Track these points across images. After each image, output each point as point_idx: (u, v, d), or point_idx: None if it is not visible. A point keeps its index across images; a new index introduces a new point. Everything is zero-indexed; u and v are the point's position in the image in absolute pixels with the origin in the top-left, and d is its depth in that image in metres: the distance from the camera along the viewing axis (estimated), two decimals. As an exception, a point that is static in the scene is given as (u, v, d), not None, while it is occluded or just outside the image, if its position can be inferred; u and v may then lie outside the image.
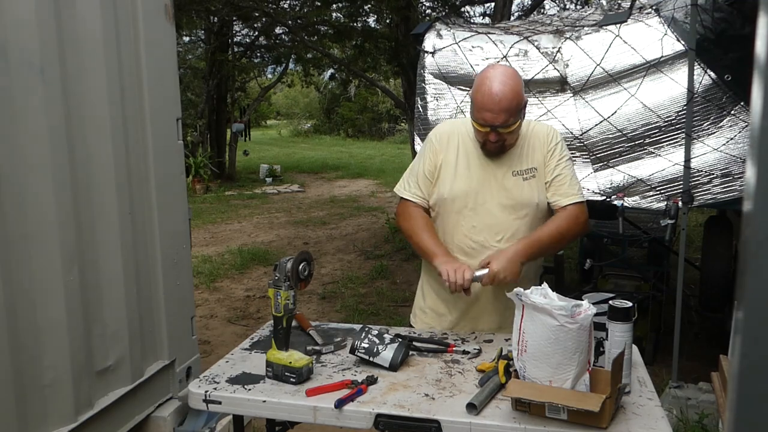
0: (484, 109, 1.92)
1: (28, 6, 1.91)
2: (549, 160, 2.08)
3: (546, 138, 2.09)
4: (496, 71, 1.95)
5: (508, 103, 1.90)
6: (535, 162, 2.07)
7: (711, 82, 3.45)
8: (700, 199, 3.40)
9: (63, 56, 2.04)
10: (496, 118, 1.91)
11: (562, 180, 2.07)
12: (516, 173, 2.06)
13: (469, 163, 2.10)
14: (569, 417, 1.47)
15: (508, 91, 1.90)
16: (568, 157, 2.13)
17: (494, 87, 1.90)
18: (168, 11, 2.55)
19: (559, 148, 2.10)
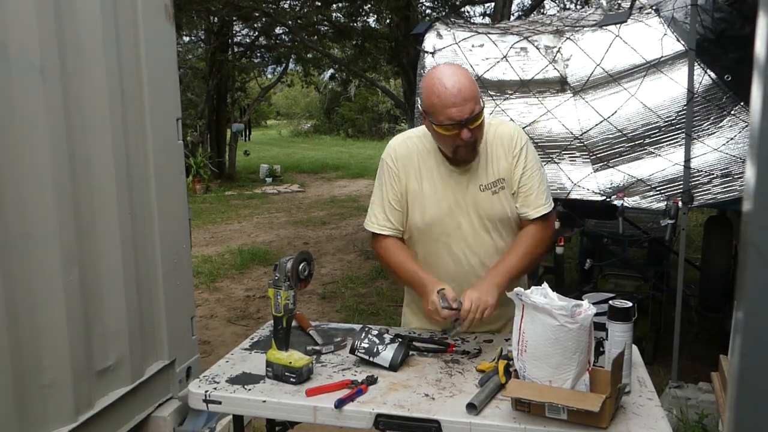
0: (447, 105, 1.79)
1: (28, 6, 1.91)
2: (515, 167, 1.97)
3: (510, 142, 1.98)
4: (440, 70, 1.87)
5: (469, 90, 1.81)
6: (501, 171, 1.96)
7: (711, 82, 3.45)
8: (700, 199, 3.40)
9: (63, 56, 2.04)
10: (462, 110, 1.79)
11: (529, 190, 1.97)
12: (484, 187, 1.96)
13: (435, 185, 1.98)
14: (569, 417, 1.47)
15: (463, 80, 1.81)
16: (535, 160, 2.00)
17: (448, 81, 1.80)
18: (168, 11, 2.55)
19: (524, 153, 1.98)
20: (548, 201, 2.01)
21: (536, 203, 1.98)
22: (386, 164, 2.06)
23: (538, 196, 1.98)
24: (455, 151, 1.89)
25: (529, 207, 1.97)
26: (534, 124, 3.88)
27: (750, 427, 0.72)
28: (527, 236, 1.98)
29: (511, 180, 1.97)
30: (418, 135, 2.07)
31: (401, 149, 2.05)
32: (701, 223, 5.42)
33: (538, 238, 1.98)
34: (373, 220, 2.06)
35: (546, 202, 1.99)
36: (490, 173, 1.97)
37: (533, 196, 1.98)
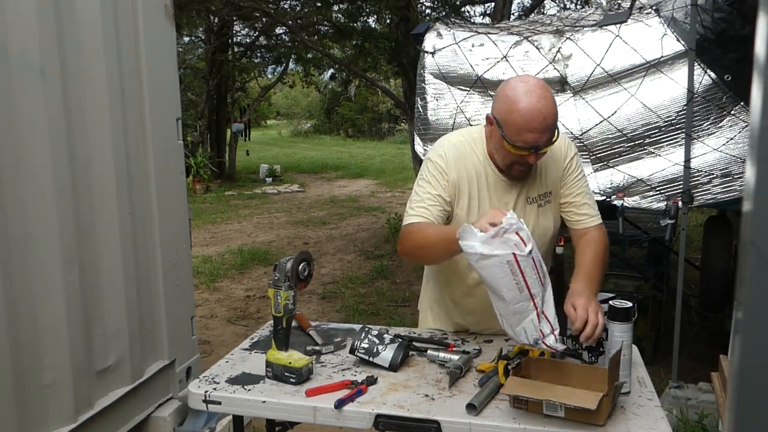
0: (527, 129, 1.67)
1: (28, 6, 1.91)
2: (566, 177, 1.90)
3: (561, 153, 1.90)
4: (529, 85, 1.70)
5: (553, 119, 1.69)
6: (550, 184, 1.89)
7: (711, 82, 3.45)
8: (700, 199, 3.40)
9: (63, 56, 2.04)
10: (540, 138, 1.69)
11: (583, 199, 1.92)
12: (531, 200, 1.88)
13: (489, 194, 1.86)
14: (566, 414, 1.47)
15: (551, 106, 1.69)
16: (583, 169, 1.96)
17: (537, 104, 1.66)
18: (168, 11, 2.55)
19: (575, 163, 1.92)
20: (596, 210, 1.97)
21: (592, 212, 1.95)
22: (435, 163, 1.88)
23: (592, 206, 1.96)
24: (511, 167, 1.80)
25: (586, 216, 1.93)
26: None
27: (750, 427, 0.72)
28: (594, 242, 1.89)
29: (560, 191, 1.91)
30: (466, 139, 1.92)
31: (452, 150, 1.88)
32: (701, 223, 5.42)
33: (604, 242, 1.92)
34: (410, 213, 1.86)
35: (598, 211, 1.97)
36: (539, 186, 1.89)
37: (588, 205, 1.94)
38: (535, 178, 1.88)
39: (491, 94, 4.05)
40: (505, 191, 1.86)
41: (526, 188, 1.87)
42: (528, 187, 1.87)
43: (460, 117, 4.10)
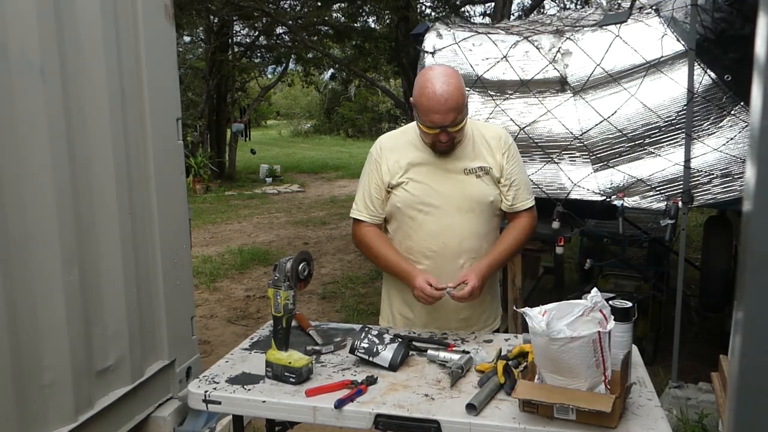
0: (432, 111, 1.94)
1: (28, 6, 1.91)
2: (506, 162, 2.12)
3: (500, 140, 2.14)
4: (436, 72, 1.97)
5: (455, 102, 1.93)
6: (487, 161, 2.11)
7: (711, 82, 3.45)
8: (700, 199, 3.40)
9: (63, 56, 2.04)
10: (444, 118, 1.94)
11: (518, 183, 2.15)
12: (468, 171, 2.10)
13: (420, 167, 2.11)
14: (577, 417, 1.47)
15: (453, 90, 1.93)
16: (519, 158, 2.18)
17: (438, 88, 1.92)
18: (168, 11, 2.55)
19: (513, 150, 2.15)
20: (532, 195, 2.22)
21: (525, 196, 2.17)
22: (371, 155, 2.21)
23: (526, 190, 2.18)
24: (433, 146, 2.06)
25: (520, 199, 2.15)
26: (534, 124, 3.88)
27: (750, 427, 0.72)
28: (517, 227, 2.17)
29: (500, 172, 2.12)
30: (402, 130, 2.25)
31: (385, 140, 2.22)
32: (701, 223, 5.42)
33: (528, 227, 2.18)
34: (354, 208, 2.22)
35: (531, 196, 2.20)
36: (475, 159, 2.11)
37: (522, 189, 2.16)
38: (472, 152, 2.11)
39: (491, 94, 4.05)
40: (445, 164, 2.10)
41: (462, 161, 2.10)
42: (463, 160, 2.10)
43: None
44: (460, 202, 2.08)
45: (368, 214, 2.18)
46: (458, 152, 2.09)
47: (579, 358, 1.49)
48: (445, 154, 2.08)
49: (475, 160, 2.10)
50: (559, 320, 1.52)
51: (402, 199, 2.11)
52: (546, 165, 3.85)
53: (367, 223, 2.18)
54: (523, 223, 2.17)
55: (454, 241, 2.09)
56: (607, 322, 1.53)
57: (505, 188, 2.13)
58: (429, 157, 2.10)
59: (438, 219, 2.09)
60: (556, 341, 1.49)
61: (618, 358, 1.62)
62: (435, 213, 2.09)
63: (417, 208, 2.10)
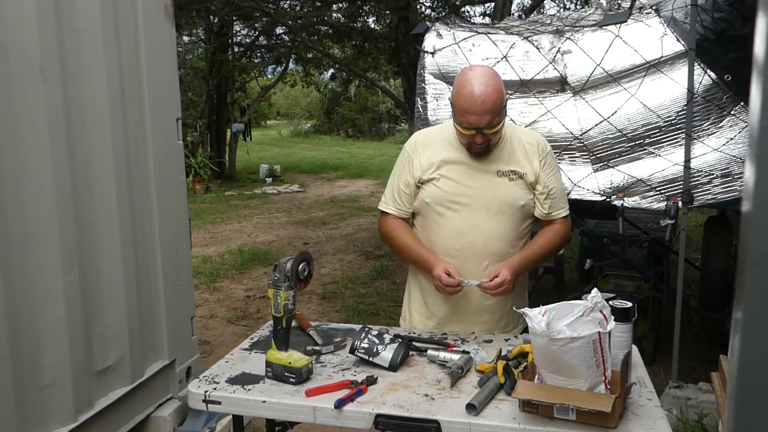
0: (468, 112, 1.92)
1: (28, 6, 1.91)
2: (543, 169, 2.10)
3: (538, 146, 2.12)
4: (475, 72, 1.95)
5: (492, 104, 1.90)
6: (522, 167, 2.08)
7: (711, 82, 3.45)
8: (700, 199, 3.40)
9: (63, 56, 2.04)
10: (480, 120, 1.92)
11: (555, 192, 2.13)
12: (501, 174, 2.07)
13: (453, 165, 2.09)
14: (577, 417, 1.47)
15: (491, 91, 1.90)
16: (558, 166, 2.19)
17: (476, 89, 1.90)
18: (168, 11, 2.55)
19: (551, 159, 2.14)
20: (567, 203, 2.20)
21: (561, 205, 2.16)
22: (405, 151, 2.20)
23: (562, 199, 2.17)
24: (469, 147, 2.04)
25: (556, 208, 2.14)
26: (534, 124, 3.88)
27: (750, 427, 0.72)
28: (552, 231, 2.16)
29: (536, 179, 2.10)
30: (439, 127, 2.27)
31: (421, 137, 2.22)
32: (701, 223, 5.42)
33: (562, 233, 2.17)
34: (385, 201, 2.22)
35: (566, 205, 2.19)
36: (510, 162, 2.09)
37: (558, 198, 2.15)
38: (507, 156, 2.09)
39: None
40: (479, 164, 2.08)
41: (496, 163, 2.08)
42: (498, 162, 2.08)
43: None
44: (490, 202, 2.06)
45: (395, 208, 2.18)
46: (493, 154, 2.07)
47: (579, 358, 1.49)
48: (480, 156, 2.06)
49: (509, 163, 2.08)
50: (559, 320, 1.52)
51: (431, 195, 2.09)
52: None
53: (393, 216, 2.19)
54: (558, 228, 2.16)
55: (480, 241, 2.06)
56: (607, 323, 1.53)
57: (542, 196, 2.11)
58: (463, 156, 2.08)
59: (465, 217, 2.07)
60: (556, 341, 1.49)
61: (618, 358, 1.63)
62: (463, 211, 2.07)
63: (445, 204, 2.08)
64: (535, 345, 1.56)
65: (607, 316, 1.55)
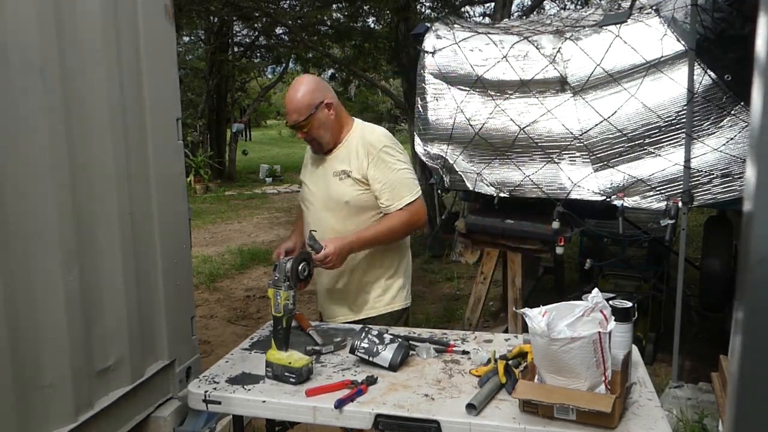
0: (286, 111, 2.34)
1: (28, 6, 1.91)
2: (374, 166, 2.30)
3: (371, 146, 2.32)
4: (297, 79, 2.38)
5: (296, 105, 2.28)
6: (349, 165, 2.33)
7: (711, 82, 3.44)
8: (700, 199, 3.40)
9: (63, 56, 2.04)
10: (290, 118, 2.31)
11: (392, 184, 2.30)
12: (335, 174, 2.35)
13: (308, 168, 2.51)
14: (578, 417, 1.47)
15: (296, 95, 2.28)
16: (396, 160, 2.33)
17: (290, 92, 2.31)
18: (168, 11, 2.55)
19: (384, 155, 2.31)
20: (410, 192, 2.32)
21: (401, 194, 2.30)
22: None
23: (402, 189, 2.31)
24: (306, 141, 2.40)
25: (395, 199, 2.30)
26: (534, 124, 3.88)
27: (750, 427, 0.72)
28: (392, 216, 2.32)
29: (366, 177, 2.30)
30: None
31: None
32: (701, 223, 5.42)
33: (403, 218, 2.31)
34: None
35: (408, 194, 2.32)
36: (342, 163, 2.35)
37: (392, 190, 2.30)
38: (343, 157, 2.36)
39: (491, 94, 4.05)
40: (324, 165, 2.41)
41: (334, 164, 2.37)
42: (335, 163, 2.37)
43: (460, 117, 4.10)
44: (325, 200, 2.38)
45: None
46: (336, 155, 2.38)
47: (579, 358, 1.49)
48: (317, 152, 2.42)
49: (342, 163, 2.35)
50: (560, 321, 1.52)
51: (300, 194, 2.55)
52: (546, 165, 3.84)
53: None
54: (398, 213, 2.31)
55: (323, 233, 2.29)
56: (607, 323, 1.53)
57: (377, 191, 2.31)
58: (316, 158, 2.45)
59: (313, 214, 2.43)
60: (556, 341, 1.49)
61: (618, 358, 1.63)
62: (311, 208, 2.44)
63: (304, 203, 2.51)
64: (535, 345, 1.56)
65: (607, 316, 1.55)
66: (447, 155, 4.16)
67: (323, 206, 2.39)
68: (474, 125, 4.03)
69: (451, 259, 6.88)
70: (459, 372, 1.82)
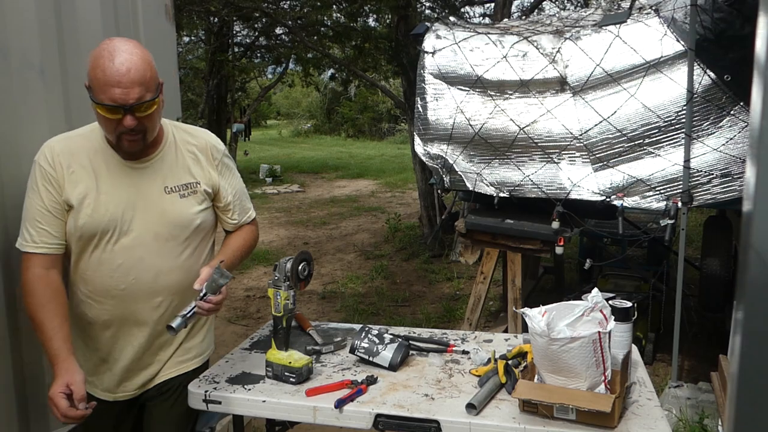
0: (110, 84, 1.56)
1: (28, 6, 1.91)
2: (221, 176, 1.87)
3: (212, 149, 1.87)
4: (114, 42, 1.62)
5: (141, 74, 1.59)
6: (194, 176, 1.81)
7: (711, 82, 3.44)
8: (699, 199, 3.40)
9: (63, 56, 2.04)
10: (128, 93, 1.57)
11: (239, 196, 1.94)
12: (171, 189, 1.77)
13: (109, 184, 1.72)
14: (578, 417, 1.47)
15: (137, 60, 1.59)
16: (233, 165, 1.97)
17: (119, 57, 1.57)
18: (168, 11, 2.55)
19: (227, 160, 1.92)
20: (249, 201, 2.02)
21: (246, 206, 1.98)
22: (40, 166, 1.72)
23: (245, 200, 1.98)
24: (119, 139, 1.67)
25: (243, 213, 1.97)
26: (534, 124, 3.88)
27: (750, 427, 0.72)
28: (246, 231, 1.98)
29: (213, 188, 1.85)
30: (80, 133, 1.80)
31: (58, 146, 1.74)
32: (701, 223, 5.43)
33: (255, 234, 2.02)
34: (25, 237, 1.72)
35: (251, 204, 2.02)
36: (180, 174, 1.79)
37: (243, 201, 1.97)
38: (171, 166, 1.79)
39: (491, 94, 4.06)
40: (132, 181, 1.74)
41: (162, 176, 1.77)
42: (163, 175, 1.77)
43: (460, 117, 4.10)
44: (159, 228, 1.74)
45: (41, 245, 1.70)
46: (157, 165, 1.76)
47: (579, 358, 1.49)
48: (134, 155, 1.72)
49: (178, 174, 1.78)
50: (559, 320, 1.52)
51: (82, 224, 1.69)
52: (546, 165, 3.85)
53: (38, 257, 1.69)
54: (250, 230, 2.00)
55: (149, 277, 1.74)
56: (607, 323, 1.54)
57: (227, 207, 1.90)
58: (119, 170, 1.73)
59: (128, 250, 1.72)
60: (556, 341, 1.49)
61: (618, 358, 1.63)
62: (125, 242, 1.71)
63: (101, 235, 1.70)
64: (535, 345, 1.56)
65: (607, 316, 1.55)
66: (447, 155, 4.16)
67: (155, 237, 1.73)
68: (474, 125, 4.04)
69: (451, 259, 6.88)
70: (459, 372, 1.82)
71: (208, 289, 1.65)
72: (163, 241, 1.76)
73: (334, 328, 2.22)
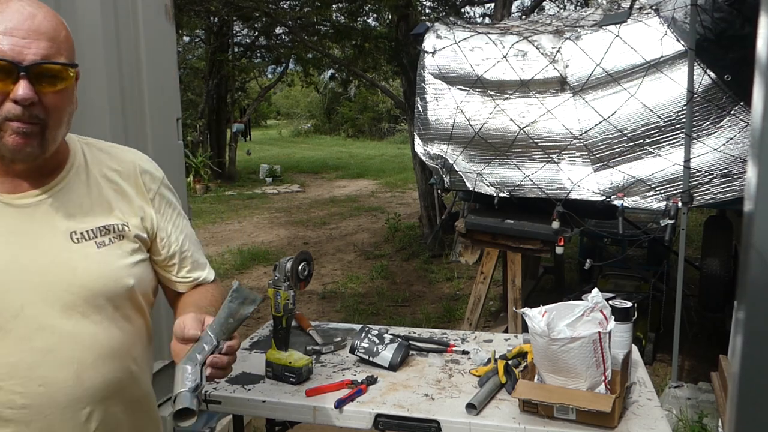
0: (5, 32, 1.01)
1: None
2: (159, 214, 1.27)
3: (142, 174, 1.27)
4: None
5: (52, 25, 1.06)
6: (120, 215, 1.20)
7: (711, 82, 3.44)
8: (699, 199, 3.40)
9: (63, 56, 2.04)
10: (27, 45, 1.02)
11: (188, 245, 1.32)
12: (81, 236, 1.13)
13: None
14: (578, 417, 1.47)
15: (48, 11, 1.07)
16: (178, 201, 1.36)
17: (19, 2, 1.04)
18: (168, 11, 2.55)
19: (167, 194, 1.32)
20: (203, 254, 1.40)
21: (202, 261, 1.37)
22: None
23: (200, 253, 1.37)
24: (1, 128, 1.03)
25: (198, 268, 1.35)
26: (534, 124, 3.88)
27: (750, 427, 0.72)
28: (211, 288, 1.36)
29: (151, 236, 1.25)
30: None
31: None
32: (701, 223, 5.43)
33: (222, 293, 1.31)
34: None
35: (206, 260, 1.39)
36: (93, 214, 1.16)
37: (196, 251, 1.35)
38: (84, 201, 1.16)
39: (491, 94, 4.05)
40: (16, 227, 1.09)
41: (67, 217, 1.13)
42: (71, 215, 1.14)
43: (460, 117, 4.10)
44: (68, 296, 1.09)
45: None
46: (58, 199, 1.12)
47: (579, 358, 1.49)
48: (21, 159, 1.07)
49: (92, 213, 1.16)
50: (559, 320, 1.52)
51: None
52: (546, 165, 3.85)
53: None
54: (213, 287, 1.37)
55: (65, 377, 1.08)
56: (607, 323, 1.54)
57: (170, 263, 1.29)
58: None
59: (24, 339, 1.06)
60: (556, 341, 1.49)
61: (618, 358, 1.63)
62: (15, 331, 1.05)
63: None
64: (535, 345, 1.56)
65: (607, 316, 1.55)
66: (447, 155, 4.16)
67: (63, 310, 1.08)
68: (474, 125, 4.04)
69: (451, 259, 6.89)
70: (459, 372, 1.82)
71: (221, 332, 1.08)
72: (78, 317, 1.10)
73: (334, 328, 2.22)
